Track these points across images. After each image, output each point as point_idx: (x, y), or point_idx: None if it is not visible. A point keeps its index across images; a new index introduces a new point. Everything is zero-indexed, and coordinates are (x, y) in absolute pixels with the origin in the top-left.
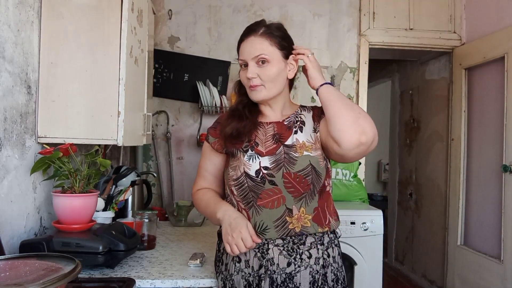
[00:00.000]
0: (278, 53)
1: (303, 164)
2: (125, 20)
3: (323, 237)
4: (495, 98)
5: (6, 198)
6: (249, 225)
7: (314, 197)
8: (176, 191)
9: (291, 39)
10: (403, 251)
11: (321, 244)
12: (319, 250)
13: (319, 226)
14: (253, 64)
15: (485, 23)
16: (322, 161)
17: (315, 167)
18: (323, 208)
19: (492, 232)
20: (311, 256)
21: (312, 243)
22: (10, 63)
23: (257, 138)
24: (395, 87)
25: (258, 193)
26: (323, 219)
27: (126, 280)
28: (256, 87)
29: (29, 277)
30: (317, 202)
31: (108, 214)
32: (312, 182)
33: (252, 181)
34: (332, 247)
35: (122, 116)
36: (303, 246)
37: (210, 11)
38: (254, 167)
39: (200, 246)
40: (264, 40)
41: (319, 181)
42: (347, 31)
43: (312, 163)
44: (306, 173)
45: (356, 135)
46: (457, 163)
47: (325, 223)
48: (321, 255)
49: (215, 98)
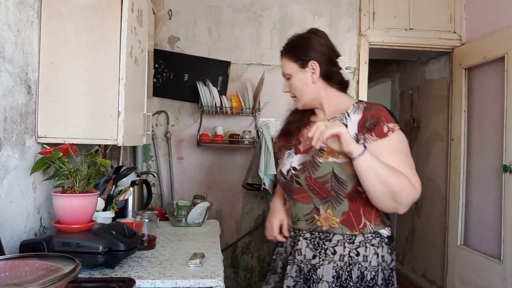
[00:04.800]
0: (295, 66)
1: (324, 171)
2: (125, 20)
3: (355, 237)
4: (495, 98)
5: (6, 198)
6: (275, 222)
7: (342, 202)
8: (176, 191)
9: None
10: (403, 251)
11: (350, 242)
12: (346, 248)
13: (349, 229)
14: (285, 80)
15: (485, 23)
16: (351, 168)
17: (338, 174)
18: (357, 213)
19: (492, 232)
20: (336, 253)
21: (339, 241)
22: (10, 63)
23: (302, 137)
24: (395, 87)
25: (291, 189)
26: (355, 223)
27: (126, 280)
28: (294, 98)
29: (29, 277)
30: (347, 207)
31: (108, 214)
32: (333, 189)
33: (284, 179)
34: (366, 247)
35: (122, 116)
36: (329, 243)
37: (210, 11)
38: (287, 166)
39: (200, 246)
40: (284, 59)
41: (342, 188)
42: (347, 31)
43: (335, 171)
44: (325, 180)
45: (390, 209)
46: (457, 163)
47: (358, 227)
48: (347, 253)
49: (215, 98)
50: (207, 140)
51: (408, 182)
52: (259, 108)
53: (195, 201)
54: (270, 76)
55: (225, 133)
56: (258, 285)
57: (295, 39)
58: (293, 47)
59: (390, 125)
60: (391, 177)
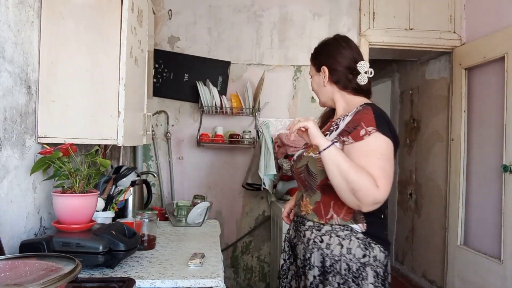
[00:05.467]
0: (313, 69)
1: (302, 163)
2: (125, 20)
3: (322, 226)
4: (495, 98)
5: (6, 198)
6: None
7: (315, 192)
8: (176, 191)
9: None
10: (403, 251)
11: (317, 230)
12: (313, 233)
13: (318, 217)
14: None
15: (485, 23)
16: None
17: (309, 167)
18: (327, 204)
19: (492, 232)
20: (305, 236)
21: (310, 227)
22: (10, 63)
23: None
24: (395, 87)
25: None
26: (323, 213)
27: (126, 280)
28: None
29: (29, 277)
30: (319, 197)
31: (108, 214)
32: (305, 180)
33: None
34: (331, 236)
35: (122, 116)
36: (303, 227)
37: (210, 11)
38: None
39: (200, 246)
40: (311, 61)
41: (313, 180)
42: (347, 31)
43: (308, 164)
44: (301, 171)
45: (352, 204)
46: (457, 163)
47: (325, 217)
48: (312, 238)
49: (215, 98)
50: (207, 140)
51: (370, 182)
52: (259, 108)
53: (195, 201)
54: (270, 76)
55: (225, 133)
56: (258, 285)
57: (320, 44)
58: (315, 51)
59: (369, 128)
60: (352, 174)
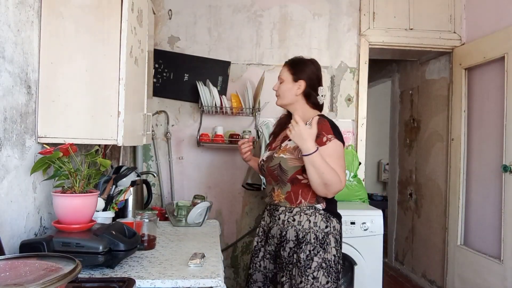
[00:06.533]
0: (290, 77)
1: (275, 163)
2: (125, 20)
3: (293, 209)
4: (495, 98)
5: (6, 198)
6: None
7: (286, 185)
8: (176, 191)
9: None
10: (403, 251)
11: (289, 212)
12: (286, 215)
13: (289, 203)
14: (278, 81)
15: (485, 23)
16: (293, 162)
17: (282, 166)
18: (296, 193)
19: (492, 232)
20: (280, 219)
21: (282, 211)
22: (10, 63)
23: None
24: (395, 87)
25: (263, 174)
26: (294, 200)
27: (126, 280)
28: (277, 96)
29: (29, 277)
30: (290, 188)
31: (108, 214)
32: (278, 175)
33: (260, 167)
34: (301, 215)
35: (122, 116)
36: (277, 212)
37: (210, 11)
38: (260, 158)
39: (200, 246)
40: (285, 68)
41: (284, 175)
42: (347, 31)
43: (281, 163)
44: (274, 168)
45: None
46: (457, 163)
47: (295, 203)
48: (286, 219)
49: (215, 98)
50: (207, 140)
51: (337, 178)
52: (259, 108)
53: (195, 201)
54: (270, 76)
55: (225, 133)
56: None
57: (300, 60)
58: (296, 64)
59: (329, 136)
60: (327, 173)
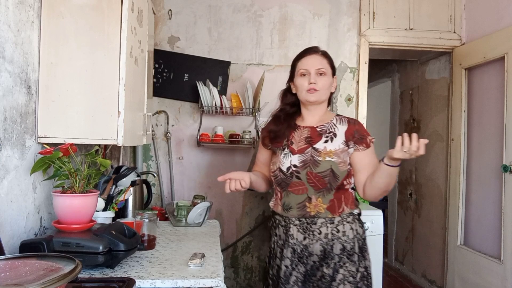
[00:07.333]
0: (330, 70)
1: (325, 167)
2: (125, 20)
3: (334, 219)
4: (495, 98)
5: (6, 198)
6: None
7: (331, 192)
8: (176, 191)
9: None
10: (403, 251)
11: (331, 223)
12: (328, 228)
13: (331, 213)
14: (314, 74)
15: (485, 23)
16: (343, 166)
17: (334, 170)
18: (339, 200)
19: (492, 232)
20: (321, 233)
21: (322, 223)
22: (10, 63)
23: (293, 138)
24: (395, 87)
25: (287, 183)
26: (336, 208)
27: (126, 280)
28: (314, 91)
29: (29, 277)
30: (333, 195)
31: (108, 214)
32: (329, 182)
33: (284, 175)
34: (344, 224)
35: (122, 116)
36: (315, 226)
37: (210, 11)
38: (286, 164)
39: (200, 246)
40: (323, 58)
41: (336, 181)
42: (347, 31)
43: (332, 167)
44: (325, 174)
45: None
46: (457, 163)
47: (338, 211)
48: (329, 232)
49: (215, 98)
50: (207, 140)
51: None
52: (259, 108)
53: (195, 201)
54: (270, 76)
55: (225, 133)
56: (258, 285)
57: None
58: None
59: (370, 137)
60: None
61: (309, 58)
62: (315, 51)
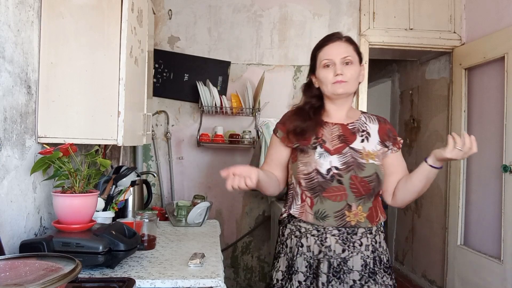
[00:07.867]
0: (356, 57)
1: (370, 171)
2: (125, 20)
3: (372, 229)
4: (495, 98)
5: (6, 198)
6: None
7: (371, 199)
8: (176, 191)
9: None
10: (403, 251)
11: (370, 233)
12: (368, 238)
13: (370, 222)
14: (339, 64)
15: (485, 23)
16: (383, 169)
17: (379, 175)
18: (375, 208)
19: (492, 232)
20: (362, 244)
21: (363, 233)
22: (10, 63)
23: (323, 136)
24: (395, 87)
25: (325, 187)
26: (375, 217)
27: (126, 280)
28: (341, 83)
29: (29, 277)
30: (371, 203)
31: (108, 214)
32: (373, 188)
33: (322, 178)
34: (379, 234)
35: (122, 116)
36: (355, 236)
37: (210, 11)
38: (325, 165)
39: (200, 246)
40: (349, 44)
41: (379, 187)
42: (347, 31)
43: (377, 171)
44: (371, 179)
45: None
46: (457, 163)
47: (375, 220)
48: (370, 243)
49: (215, 98)
50: (207, 140)
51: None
52: (259, 108)
53: (195, 201)
54: (270, 76)
55: (225, 133)
56: (258, 285)
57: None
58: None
59: (398, 138)
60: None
61: (332, 46)
62: (338, 37)
